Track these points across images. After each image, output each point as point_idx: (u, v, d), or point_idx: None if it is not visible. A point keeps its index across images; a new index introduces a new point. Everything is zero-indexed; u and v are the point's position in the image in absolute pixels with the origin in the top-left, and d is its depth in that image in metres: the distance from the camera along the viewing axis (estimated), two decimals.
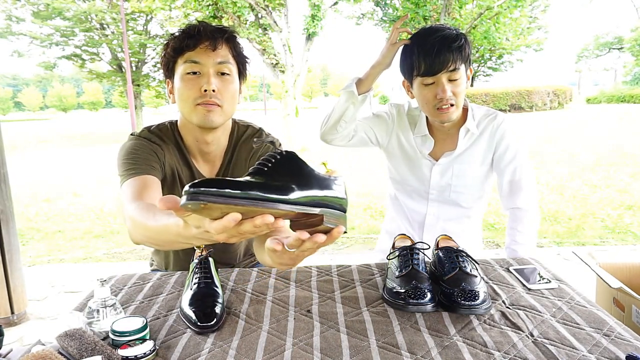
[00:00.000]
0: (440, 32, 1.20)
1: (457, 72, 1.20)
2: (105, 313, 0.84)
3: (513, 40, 15.78)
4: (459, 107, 1.25)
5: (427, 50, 1.19)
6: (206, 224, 0.52)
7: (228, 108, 1.11)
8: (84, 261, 3.33)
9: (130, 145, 1.12)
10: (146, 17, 17.04)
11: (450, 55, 1.18)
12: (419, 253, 1.02)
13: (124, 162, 1.08)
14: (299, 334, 0.83)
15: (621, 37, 33.73)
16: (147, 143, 1.13)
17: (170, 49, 1.11)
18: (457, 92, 1.22)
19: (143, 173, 1.05)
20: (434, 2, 12.75)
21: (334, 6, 10.72)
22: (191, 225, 0.57)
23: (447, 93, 1.20)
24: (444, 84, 1.20)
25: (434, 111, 1.24)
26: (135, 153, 1.09)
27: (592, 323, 0.86)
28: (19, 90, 55.52)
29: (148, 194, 0.99)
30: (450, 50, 1.18)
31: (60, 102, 50.46)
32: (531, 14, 15.95)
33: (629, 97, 19.91)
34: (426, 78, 1.21)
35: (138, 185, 1.01)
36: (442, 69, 1.19)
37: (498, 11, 12.37)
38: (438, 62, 1.18)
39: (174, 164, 1.17)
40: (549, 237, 3.47)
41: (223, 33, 1.10)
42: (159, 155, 1.13)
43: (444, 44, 1.18)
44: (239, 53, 1.14)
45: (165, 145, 1.16)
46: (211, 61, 1.07)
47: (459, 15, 13.13)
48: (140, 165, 1.07)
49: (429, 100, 1.24)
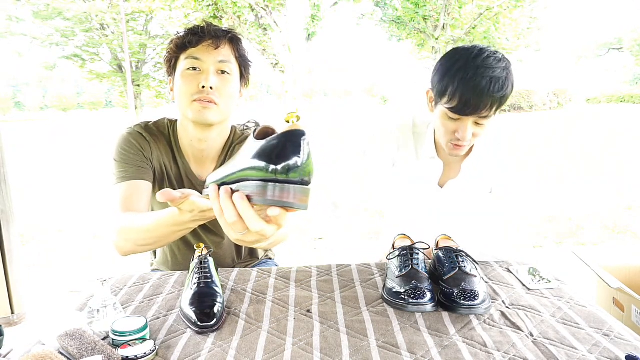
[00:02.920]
0: (490, 72, 1.03)
1: (487, 118, 1.09)
2: (105, 313, 0.84)
3: (513, 40, 15.77)
4: (471, 145, 1.18)
5: (467, 88, 1.03)
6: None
7: (225, 107, 1.11)
8: (84, 261, 3.33)
9: (121, 142, 1.14)
10: (146, 17, 17.04)
11: (489, 102, 1.04)
12: (419, 253, 1.02)
13: (115, 161, 1.12)
14: (299, 334, 0.84)
15: (621, 37, 33.72)
16: (136, 141, 1.15)
17: (173, 45, 1.12)
18: (478, 134, 1.12)
19: (132, 178, 1.09)
20: (434, 2, 12.75)
21: (334, 6, 10.72)
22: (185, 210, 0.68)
23: (468, 135, 1.10)
24: (467, 126, 1.09)
25: (447, 143, 1.16)
26: (125, 152, 1.13)
27: (591, 323, 0.86)
28: (19, 90, 55.51)
29: (135, 203, 1.05)
30: (491, 96, 1.03)
31: (60, 102, 50.44)
32: (531, 14, 15.94)
33: (629, 97, 19.92)
34: (454, 113, 1.09)
35: (127, 192, 1.07)
36: (474, 114, 1.07)
37: (498, 11, 12.38)
38: (473, 105, 1.05)
39: (164, 161, 1.19)
40: (549, 237, 3.47)
41: (227, 33, 1.11)
42: (145, 154, 1.15)
43: (487, 89, 1.02)
44: (242, 55, 1.15)
45: (156, 142, 1.18)
46: (212, 59, 1.08)
47: (458, 16, 13.13)
48: (130, 169, 1.11)
49: (446, 132, 1.14)
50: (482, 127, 1.11)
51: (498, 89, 1.04)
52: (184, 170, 1.20)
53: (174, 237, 0.86)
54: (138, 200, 1.07)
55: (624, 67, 34.98)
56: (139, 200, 1.07)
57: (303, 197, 0.47)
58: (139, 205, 1.06)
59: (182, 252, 1.27)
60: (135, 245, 0.92)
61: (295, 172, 0.46)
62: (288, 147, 0.47)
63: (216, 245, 1.28)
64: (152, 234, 0.85)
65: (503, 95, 1.06)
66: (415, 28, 14.46)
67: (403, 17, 14.37)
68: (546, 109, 16.89)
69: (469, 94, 1.04)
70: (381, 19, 16.44)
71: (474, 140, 1.14)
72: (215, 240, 1.28)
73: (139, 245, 0.92)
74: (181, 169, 1.20)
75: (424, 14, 12.98)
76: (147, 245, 0.93)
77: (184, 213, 0.69)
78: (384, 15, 16.32)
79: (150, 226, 0.83)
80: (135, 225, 0.89)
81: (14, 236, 2.18)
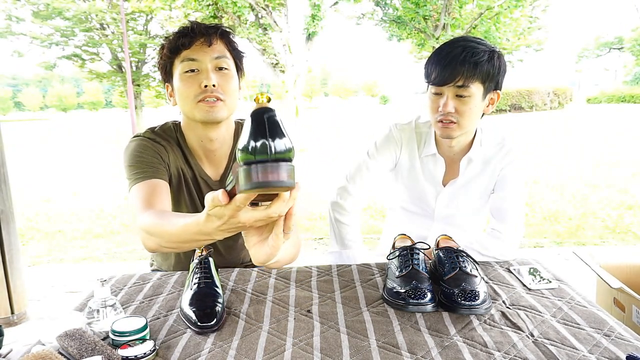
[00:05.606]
0: (464, 43, 1.11)
1: (466, 89, 1.11)
2: (105, 313, 0.84)
3: (513, 40, 15.77)
4: (462, 128, 1.17)
5: (442, 58, 1.11)
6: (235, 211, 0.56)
7: (230, 102, 1.11)
8: (84, 261, 3.33)
9: (134, 147, 1.11)
10: (146, 17, 17.03)
11: (462, 69, 1.09)
12: (419, 253, 1.02)
13: (130, 166, 1.08)
14: (299, 334, 0.83)
15: (621, 37, 33.73)
16: (151, 144, 1.12)
17: (166, 51, 1.11)
18: (461, 110, 1.13)
19: (150, 177, 1.05)
20: (434, 2, 12.75)
21: (334, 6, 10.72)
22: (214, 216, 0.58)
23: (449, 108, 1.13)
24: (448, 97, 1.13)
25: (435, 122, 1.19)
26: (140, 155, 1.09)
27: (592, 323, 0.86)
28: (19, 90, 55.52)
29: (157, 200, 0.99)
30: (464, 63, 1.08)
31: (60, 102, 50.46)
32: (531, 14, 15.94)
33: (629, 97, 19.94)
34: (435, 87, 1.15)
35: (146, 191, 1.01)
36: (450, 82, 1.11)
37: (498, 11, 12.38)
38: (447, 73, 1.10)
39: (180, 164, 1.17)
40: (549, 237, 3.47)
41: (216, 29, 1.10)
42: (162, 157, 1.12)
43: (459, 56, 1.09)
44: (235, 48, 1.14)
45: (169, 145, 1.16)
46: (208, 57, 1.07)
47: (459, 15, 13.13)
48: (147, 169, 1.07)
49: (433, 110, 1.18)
50: (465, 101, 1.13)
51: (471, 56, 1.08)
52: (197, 171, 1.19)
53: (197, 244, 0.81)
54: (160, 199, 1.01)
55: (624, 67, 34.98)
56: (161, 199, 1.02)
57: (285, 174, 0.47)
58: (162, 205, 1.00)
59: (186, 253, 1.26)
60: (159, 246, 0.88)
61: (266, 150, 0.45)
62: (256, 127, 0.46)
63: (227, 250, 1.28)
64: (175, 239, 0.80)
65: (478, 62, 1.09)
66: (416, 28, 14.46)
67: (403, 16, 14.37)
68: (546, 109, 16.89)
69: (444, 61, 1.11)
70: (381, 19, 16.43)
71: (459, 118, 1.14)
72: (228, 244, 1.27)
73: (162, 247, 0.87)
74: (195, 171, 1.19)
75: (424, 14, 12.98)
76: (171, 249, 0.90)
77: (212, 219, 0.59)
78: (384, 15, 16.31)
79: (174, 231, 0.77)
80: (160, 228, 0.84)
81: (13, 236, 2.18)
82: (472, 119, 1.16)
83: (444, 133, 1.18)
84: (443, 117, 1.15)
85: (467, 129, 1.19)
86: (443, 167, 1.29)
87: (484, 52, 1.10)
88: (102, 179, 6.74)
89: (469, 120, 1.16)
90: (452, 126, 1.16)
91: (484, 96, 1.16)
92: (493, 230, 1.26)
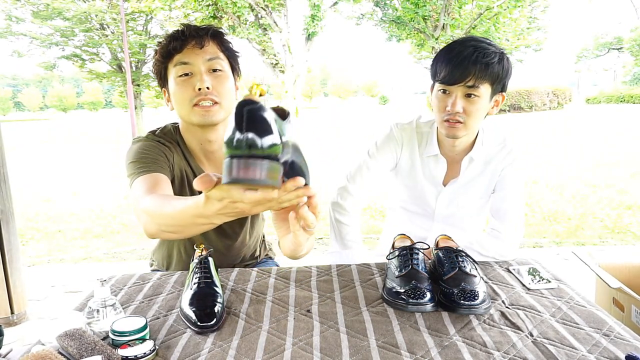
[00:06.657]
0: (474, 43, 1.11)
1: (476, 89, 1.11)
2: (105, 313, 0.84)
3: (513, 40, 15.79)
4: (468, 128, 1.17)
5: (453, 57, 1.11)
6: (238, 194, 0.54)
7: (226, 103, 1.11)
8: (84, 261, 3.33)
9: (138, 147, 1.11)
10: (146, 17, 17.03)
11: (474, 69, 1.09)
12: (418, 253, 1.02)
13: (133, 162, 1.07)
14: (298, 334, 0.84)
15: (620, 37, 33.75)
16: (156, 144, 1.12)
17: (159, 56, 1.10)
18: (470, 110, 1.13)
19: (153, 171, 1.05)
20: (434, 2, 12.76)
21: (334, 6, 10.73)
22: (214, 199, 0.57)
23: (457, 107, 1.13)
24: (457, 97, 1.13)
25: (441, 122, 1.19)
26: (145, 153, 1.09)
27: (591, 323, 0.86)
28: (19, 90, 55.54)
29: (160, 190, 0.98)
30: (476, 63, 1.09)
31: (60, 102, 50.45)
32: (531, 14, 15.96)
33: (629, 97, 19.96)
34: (443, 86, 1.15)
35: (149, 181, 1.00)
36: (460, 82, 1.11)
37: (498, 11, 12.40)
38: (458, 72, 1.10)
39: (182, 165, 1.17)
40: (549, 237, 3.47)
41: (208, 30, 1.10)
42: (167, 156, 1.12)
43: (471, 56, 1.09)
44: (228, 48, 1.14)
45: (172, 146, 1.16)
46: (200, 59, 1.07)
47: (458, 16, 13.13)
48: (150, 164, 1.06)
49: (440, 109, 1.17)
50: (474, 101, 1.13)
51: (482, 57, 1.09)
52: (198, 173, 1.19)
53: (197, 229, 0.79)
54: (162, 190, 1.00)
55: (624, 67, 35.01)
56: (164, 188, 1.01)
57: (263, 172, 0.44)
58: (163, 192, 0.99)
59: (188, 252, 1.26)
60: (160, 230, 0.87)
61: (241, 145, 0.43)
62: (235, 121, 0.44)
63: (226, 248, 1.28)
64: (174, 222, 0.79)
65: (489, 63, 1.09)
66: (415, 28, 14.47)
67: (403, 17, 14.38)
68: (546, 109, 16.90)
69: (454, 61, 1.10)
70: (381, 19, 16.44)
71: (467, 118, 1.14)
72: (227, 243, 1.27)
73: (162, 231, 0.86)
74: (196, 173, 1.19)
75: (424, 14, 12.99)
76: (171, 233, 0.87)
77: (212, 202, 0.59)
78: (383, 15, 16.33)
79: (174, 213, 0.77)
80: (161, 209, 0.83)
81: (13, 236, 2.18)
82: (478, 119, 1.17)
83: (450, 133, 1.18)
84: (450, 116, 1.15)
85: (472, 130, 1.20)
86: (444, 168, 1.29)
87: (494, 53, 1.11)
88: (102, 179, 6.74)
89: (475, 120, 1.16)
90: (459, 126, 1.16)
91: (491, 97, 1.16)
92: (493, 230, 1.26)
